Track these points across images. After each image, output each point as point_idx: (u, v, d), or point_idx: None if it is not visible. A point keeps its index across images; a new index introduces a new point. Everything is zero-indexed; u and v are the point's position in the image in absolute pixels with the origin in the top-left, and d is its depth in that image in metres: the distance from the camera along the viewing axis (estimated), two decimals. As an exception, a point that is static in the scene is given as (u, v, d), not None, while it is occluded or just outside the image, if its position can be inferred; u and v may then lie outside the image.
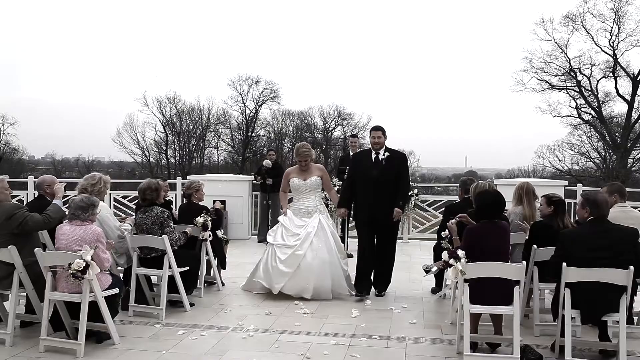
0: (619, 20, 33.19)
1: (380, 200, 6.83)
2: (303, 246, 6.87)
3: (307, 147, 7.43)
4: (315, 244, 6.89)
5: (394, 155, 7.04)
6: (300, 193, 7.29)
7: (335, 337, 5.43)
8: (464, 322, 4.82)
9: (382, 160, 6.94)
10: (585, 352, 5.05)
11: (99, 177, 6.18)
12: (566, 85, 35.62)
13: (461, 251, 4.93)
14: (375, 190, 6.86)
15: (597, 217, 4.90)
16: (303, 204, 7.24)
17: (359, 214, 7.16)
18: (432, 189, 15.02)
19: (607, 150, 35.82)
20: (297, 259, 6.84)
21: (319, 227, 7.00)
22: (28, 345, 5.19)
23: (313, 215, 7.13)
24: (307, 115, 43.85)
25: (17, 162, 40.89)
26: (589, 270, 4.65)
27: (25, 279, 5.24)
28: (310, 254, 6.85)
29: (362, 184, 6.99)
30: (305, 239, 6.91)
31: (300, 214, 7.20)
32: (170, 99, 42.09)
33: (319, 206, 7.26)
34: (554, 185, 11.39)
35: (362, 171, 7.03)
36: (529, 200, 6.13)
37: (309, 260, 6.82)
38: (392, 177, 6.89)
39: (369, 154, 7.11)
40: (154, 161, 42.53)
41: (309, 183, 7.23)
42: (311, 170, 7.30)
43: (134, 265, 6.21)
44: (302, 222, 7.09)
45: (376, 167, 6.95)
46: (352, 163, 7.48)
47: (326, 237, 7.00)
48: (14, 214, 5.28)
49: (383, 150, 6.99)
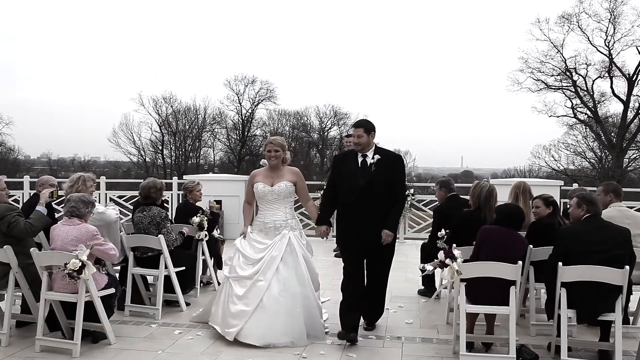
0: (614, 20, 33.26)
1: (369, 215, 5.34)
2: (267, 274, 5.30)
3: (281, 138, 5.89)
4: (283, 272, 5.34)
5: (386, 158, 5.46)
6: (266, 202, 5.63)
7: (331, 337, 5.42)
8: (460, 322, 4.83)
9: (371, 165, 5.41)
10: (581, 352, 5.07)
11: (77, 177, 6.11)
12: (562, 85, 35.68)
13: (457, 251, 4.94)
14: (362, 203, 5.35)
15: (593, 214, 4.99)
16: (269, 217, 5.58)
17: (343, 230, 5.57)
18: (428, 188, 15.02)
19: (602, 150, 35.92)
20: (259, 292, 5.26)
21: (288, 249, 5.43)
22: (24, 345, 5.18)
23: (281, 232, 5.51)
24: (303, 115, 43.86)
25: (13, 162, 40.73)
26: (585, 270, 4.66)
27: (21, 279, 5.22)
28: (277, 286, 5.29)
29: (346, 194, 5.46)
30: (270, 265, 5.34)
31: (265, 230, 5.56)
32: (166, 99, 42.05)
33: (289, 220, 5.60)
34: (549, 185, 11.43)
35: (345, 178, 5.50)
36: (524, 200, 6.17)
37: (275, 294, 5.26)
38: (383, 187, 5.36)
39: (355, 157, 5.54)
40: (149, 161, 42.44)
41: (277, 189, 5.57)
42: (282, 174, 5.66)
43: (130, 265, 6.21)
44: (265, 243, 5.48)
45: (363, 173, 5.42)
46: (333, 166, 5.94)
47: (297, 262, 5.41)
48: (4, 216, 5.24)
49: (372, 152, 5.48)
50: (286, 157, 5.74)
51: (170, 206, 12.03)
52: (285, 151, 5.72)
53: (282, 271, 5.35)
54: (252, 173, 5.91)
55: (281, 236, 5.47)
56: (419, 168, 42.38)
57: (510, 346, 4.74)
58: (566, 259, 4.75)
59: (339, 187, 5.56)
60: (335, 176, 5.70)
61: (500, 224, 5.16)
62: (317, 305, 5.50)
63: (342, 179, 5.55)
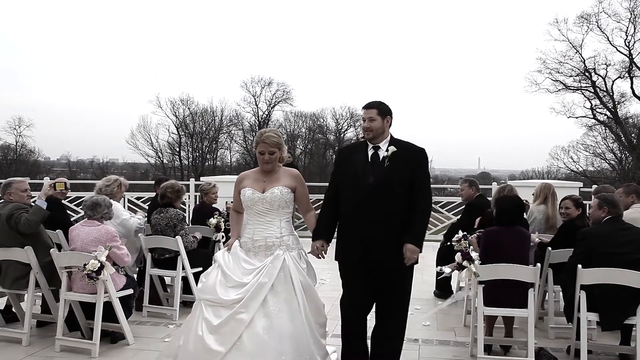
0: (634, 20, 32.85)
1: (379, 226, 4.05)
2: (250, 306, 4.01)
3: (278, 132, 4.44)
4: (272, 305, 4.05)
5: (406, 151, 4.16)
6: (256, 214, 4.31)
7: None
8: (477, 324, 4.80)
9: (385, 158, 4.13)
10: (601, 356, 5.01)
11: (114, 179, 6.37)
12: (581, 86, 35.30)
13: (475, 253, 4.91)
14: (370, 208, 4.06)
15: (615, 215, 4.94)
16: (259, 233, 4.27)
17: (343, 248, 4.23)
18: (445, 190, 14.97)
19: (622, 152, 35.46)
20: (238, 327, 3.99)
21: (282, 275, 4.13)
22: (44, 345, 5.25)
23: (274, 252, 4.21)
24: (319, 117, 44.02)
25: (33, 163, 41.37)
26: (605, 272, 4.61)
27: (41, 279, 5.30)
28: (262, 322, 4.00)
29: (351, 198, 4.16)
30: (256, 294, 4.04)
31: (253, 249, 4.27)
32: (183, 101, 42.47)
33: (285, 237, 4.26)
34: (569, 187, 11.28)
35: (350, 176, 4.20)
36: (553, 202, 6.20)
37: (259, 332, 3.96)
38: (400, 187, 4.06)
39: (364, 149, 4.24)
40: (167, 162, 42.84)
41: (269, 197, 4.25)
42: (277, 177, 4.35)
43: (147, 266, 6.26)
44: (252, 265, 4.20)
45: (373, 169, 4.12)
46: (337, 163, 4.51)
47: (291, 292, 4.11)
48: (12, 214, 5.35)
49: (386, 143, 4.19)
50: (283, 156, 4.41)
51: (187, 208, 12.11)
52: (283, 150, 4.38)
53: (270, 303, 4.04)
54: (239, 175, 4.57)
55: (274, 257, 4.17)
56: (436, 170, 42.25)
57: (529, 349, 4.69)
58: (590, 260, 4.70)
59: (342, 189, 4.25)
60: (338, 175, 4.36)
61: (504, 224, 5.09)
62: (317, 350, 4.10)
63: (346, 178, 4.24)
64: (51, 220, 5.67)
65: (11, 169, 37.46)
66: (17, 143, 41.26)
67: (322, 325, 4.28)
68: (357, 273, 4.16)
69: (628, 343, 4.89)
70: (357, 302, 4.20)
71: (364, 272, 4.13)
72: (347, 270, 4.25)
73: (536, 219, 6.24)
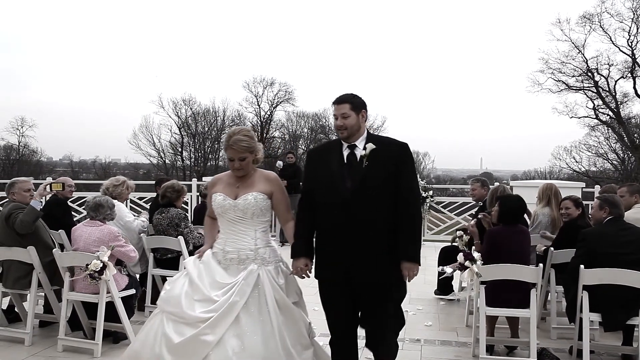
0: (637, 20, 32.68)
1: (361, 240, 3.53)
2: (217, 327, 3.53)
3: (248, 134, 3.87)
4: (245, 325, 3.57)
5: (385, 147, 3.66)
6: (228, 222, 3.85)
7: None
8: (479, 324, 4.79)
9: (362, 158, 3.62)
10: (604, 356, 5.00)
11: (122, 180, 6.41)
12: (583, 86, 35.19)
13: (477, 253, 4.91)
14: (351, 218, 3.53)
15: (616, 216, 4.94)
16: (231, 244, 3.81)
17: (322, 266, 3.69)
18: (447, 190, 14.96)
19: (625, 152, 35.37)
20: (202, 349, 3.51)
21: (256, 292, 3.66)
22: (47, 345, 5.26)
23: (248, 267, 3.72)
24: (321, 117, 43.85)
25: (36, 163, 41.45)
26: (607, 273, 4.60)
27: (43, 279, 5.31)
28: (232, 343, 3.52)
29: (327, 205, 3.63)
30: (225, 315, 3.56)
31: (224, 262, 3.80)
32: (185, 101, 42.40)
33: (260, 249, 3.79)
34: (571, 187, 11.27)
35: (324, 181, 3.67)
36: (557, 203, 6.14)
37: (228, 354, 3.49)
38: (382, 190, 3.54)
39: (338, 149, 3.73)
40: (169, 163, 42.85)
41: (242, 204, 3.78)
42: (251, 182, 3.87)
43: (150, 266, 6.27)
44: (224, 279, 3.71)
45: (350, 172, 3.61)
46: (307, 167, 3.91)
47: (265, 312, 3.63)
48: (11, 214, 5.37)
49: (362, 141, 3.68)
50: (258, 157, 3.91)
51: (189, 208, 12.12)
52: (256, 152, 3.88)
53: (243, 322, 3.57)
54: (212, 178, 4.14)
55: (247, 273, 3.68)
56: (438, 170, 42.22)
57: (531, 350, 4.69)
58: (591, 261, 4.70)
59: (316, 196, 3.70)
60: (310, 181, 3.80)
61: (508, 223, 5.08)
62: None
63: (319, 183, 3.70)
64: (53, 220, 5.67)
65: (14, 169, 37.52)
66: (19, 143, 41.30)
67: (306, 346, 3.73)
68: (338, 297, 3.66)
69: (630, 343, 4.88)
70: (343, 321, 3.71)
71: (346, 297, 3.64)
72: (329, 291, 3.70)
73: (541, 222, 6.16)
